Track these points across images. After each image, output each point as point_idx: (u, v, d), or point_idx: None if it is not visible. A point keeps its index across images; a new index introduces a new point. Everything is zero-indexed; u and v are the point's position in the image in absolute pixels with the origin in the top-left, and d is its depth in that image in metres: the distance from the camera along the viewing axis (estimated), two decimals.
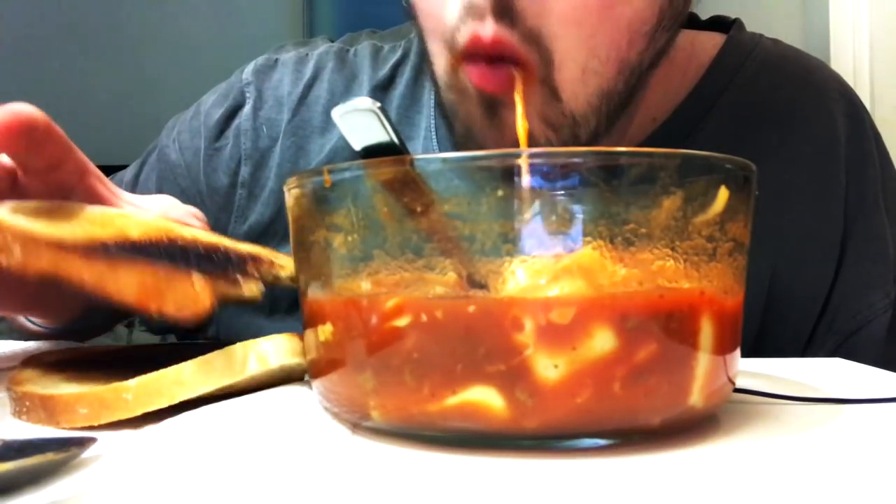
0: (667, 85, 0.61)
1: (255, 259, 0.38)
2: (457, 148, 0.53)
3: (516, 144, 0.47)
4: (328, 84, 0.67)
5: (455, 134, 0.52)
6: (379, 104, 0.31)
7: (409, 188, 0.30)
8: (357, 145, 0.32)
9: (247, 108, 0.68)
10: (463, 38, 0.47)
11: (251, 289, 0.39)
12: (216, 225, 0.66)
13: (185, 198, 0.68)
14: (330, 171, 0.32)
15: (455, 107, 0.51)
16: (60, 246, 0.34)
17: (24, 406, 0.35)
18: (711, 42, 0.64)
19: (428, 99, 0.65)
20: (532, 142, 0.47)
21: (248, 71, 0.70)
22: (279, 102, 0.67)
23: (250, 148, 0.67)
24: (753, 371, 0.45)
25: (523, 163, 0.30)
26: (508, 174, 0.29)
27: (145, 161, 0.73)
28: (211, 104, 0.70)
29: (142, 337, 0.74)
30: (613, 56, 0.49)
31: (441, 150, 0.63)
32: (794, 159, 0.61)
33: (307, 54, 0.69)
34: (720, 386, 0.32)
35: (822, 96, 0.63)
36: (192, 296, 0.34)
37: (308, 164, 0.65)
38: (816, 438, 0.31)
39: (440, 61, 0.50)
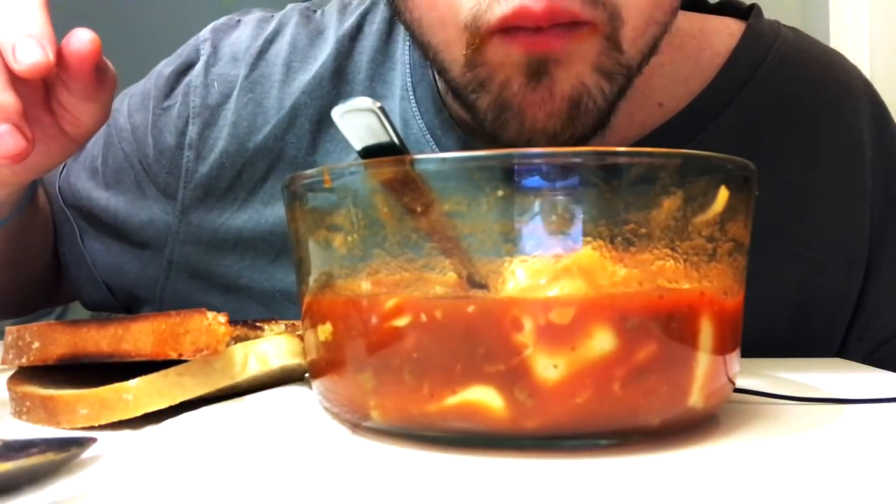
0: (673, 68, 0.58)
1: None
2: (481, 121, 0.50)
3: (565, 102, 0.45)
4: (290, 38, 0.63)
5: (482, 108, 0.48)
6: (379, 104, 0.30)
7: (409, 188, 0.30)
8: (357, 145, 0.32)
9: (199, 65, 0.63)
10: (497, 13, 0.43)
11: (273, 329, 0.40)
12: (166, 190, 0.63)
13: (128, 163, 0.64)
14: (330, 171, 0.32)
15: (482, 82, 0.47)
16: (73, 326, 0.35)
17: (25, 406, 0.35)
18: (726, 30, 0.61)
19: (402, 55, 0.61)
20: (586, 94, 0.46)
21: (206, 29, 0.65)
22: (235, 58, 0.63)
23: (199, 105, 0.62)
24: (753, 371, 0.45)
25: (523, 163, 0.30)
26: (508, 174, 0.29)
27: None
28: (164, 64, 0.66)
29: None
30: (672, 3, 0.48)
31: (420, 110, 0.59)
32: (818, 162, 0.58)
33: (272, 15, 0.66)
34: (720, 386, 0.32)
35: (847, 95, 0.60)
36: (208, 332, 0.34)
37: (266, 122, 0.61)
38: (816, 438, 0.31)
39: (454, 47, 0.47)
